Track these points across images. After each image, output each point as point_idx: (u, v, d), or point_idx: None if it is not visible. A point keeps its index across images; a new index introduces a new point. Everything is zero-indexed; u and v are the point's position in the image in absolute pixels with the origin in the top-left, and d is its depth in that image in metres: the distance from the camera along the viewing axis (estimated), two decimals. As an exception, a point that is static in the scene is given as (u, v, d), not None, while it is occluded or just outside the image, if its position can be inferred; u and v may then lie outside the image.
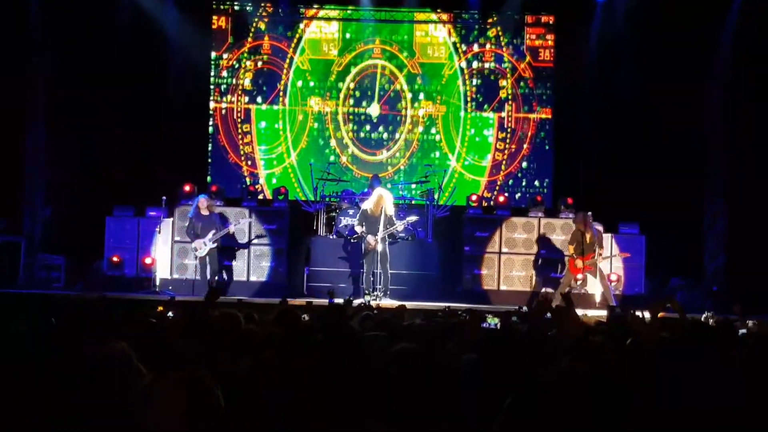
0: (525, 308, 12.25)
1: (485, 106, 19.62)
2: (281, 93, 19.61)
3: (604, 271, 16.21)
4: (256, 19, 19.63)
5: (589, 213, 15.95)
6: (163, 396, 2.93)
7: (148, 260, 16.93)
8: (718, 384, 3.94)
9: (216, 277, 16.37)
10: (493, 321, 8.61)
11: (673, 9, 17.59)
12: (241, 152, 19.54)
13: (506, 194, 18.97)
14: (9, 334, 5.19)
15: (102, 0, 18.29)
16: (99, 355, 3.62)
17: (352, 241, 16.39)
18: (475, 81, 19.65)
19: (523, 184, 19.56)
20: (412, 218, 16.17)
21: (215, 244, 16.13)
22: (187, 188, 17.15)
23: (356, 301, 14.64)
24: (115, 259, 17.11)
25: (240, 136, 19.56)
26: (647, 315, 6.73)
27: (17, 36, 17.77)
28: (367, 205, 15.64)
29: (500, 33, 19.63)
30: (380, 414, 3.51)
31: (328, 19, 19.78)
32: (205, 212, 16.17)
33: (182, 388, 2.98)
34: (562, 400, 3.43)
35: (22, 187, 18.12)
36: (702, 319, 10.65)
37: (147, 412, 2.89)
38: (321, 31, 19.74)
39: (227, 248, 16.95)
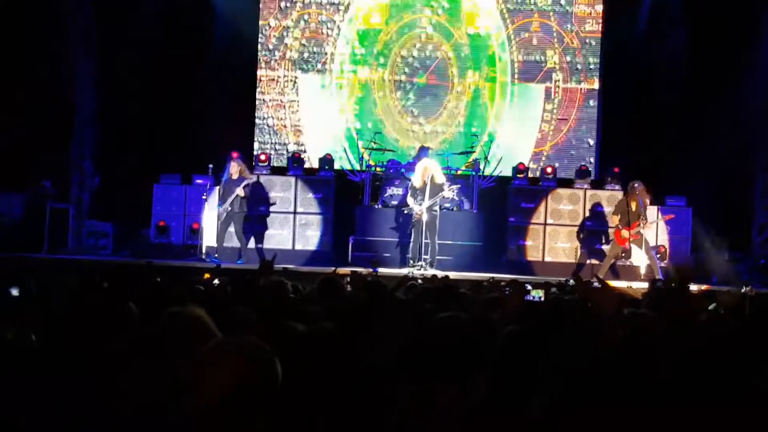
0: (571, 280, 12.22)
1: (532, 77, 19.50)
2: (328, 62, 19.62)
3: (650, 243, 16.13)
4: (303, -12, 19.64)
5: (636, 184, 15.84)
6: (223, 359, 2.98)
7: (195, 225, 17.10)
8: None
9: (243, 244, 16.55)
10: (537, 293, 8.59)
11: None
12: (288, 121, 19.60)
13: (555, 165, 18.88)
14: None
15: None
16: (176, 317, 3.69)
17: (405, 212, 16.33)
18: (522, 51, 19.53)
19: (570, 154, 19.45)
20: (454, 187, 16.15)
21: (230, 208, 16.21)
22: (234, 156, 17.23)
23: (402, 271, 14.76)
24: (161, 224, 17.30)
25: (287, 105, 19.61)
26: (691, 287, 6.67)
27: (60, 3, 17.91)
28: (415, 179, 15.68)
29: (548, 3, 19.46)
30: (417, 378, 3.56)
31: (376, -13, 19.74)
32: (235, 176, 16.27)
33: (243, 353, 3.02)
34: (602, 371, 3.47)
35: (71, 154, 18.31)
36: (742, 291, 10.56)
37: (209, 376, 2.94)
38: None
39: (252, 216, 17.06)
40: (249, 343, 3.03)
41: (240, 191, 16.21)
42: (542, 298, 8.74)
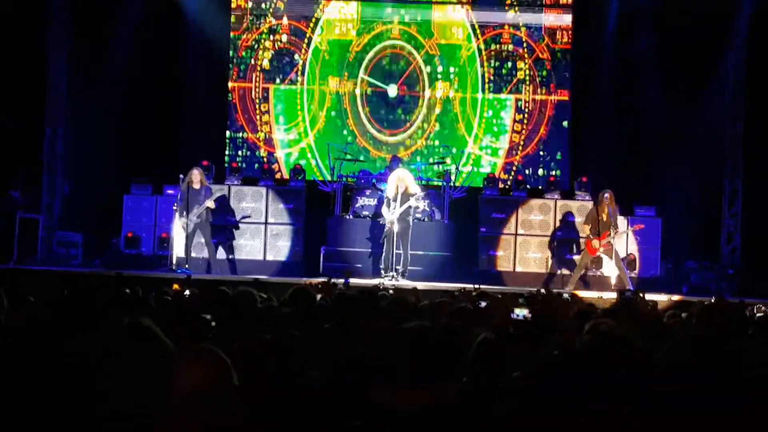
0: (542, 290, 12.26)
1: (503, 88, 19.61)
2: (299, 73, 19.66)
3: (620, 254, 16.23)
4: (275, -1, 19.68)
5: (606, 193, 15.94)
6: (183, 370, 3.03)
7: (164, 235, 17.06)
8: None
9: (210, 253, 16.48)
10: (521, 312, 8.51)
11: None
12: (259, 131, 19.61)
13: (523, 175, 19.00)
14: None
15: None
16: (125, 328, 3.71)
17: (381, 222, 16.28)
18: (492, 63, 19.63)
19: (540, 166, 19.56)
20: (420, 194, 16.02)
21: (199, 219, 16.14)
22: (204, 165, 17.15)
23: (374, 281, 14.77)
24: (129, 235, 17.26)
25: (258, 116, 19.62)
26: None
27: (35, 11, 17.85)
28: (388, 191, 15.66)
29: (518, 14, 19.59)
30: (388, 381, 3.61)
31: (347, -1, 19.81)
32: (196, 186, 16.09)
33: (201, 363, 3.08)
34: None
35: (41, 164, 18.24)
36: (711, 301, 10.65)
37: (167, 384, 2.99)
38: (340, 11, 19.74)
39: (220, 226, 17.02)
40: (205, 351, 3.10)
41: (210, 203, 16.11)
42: (527, 317, 8.64)
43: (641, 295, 9.91)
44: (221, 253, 17.17)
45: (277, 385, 3.75)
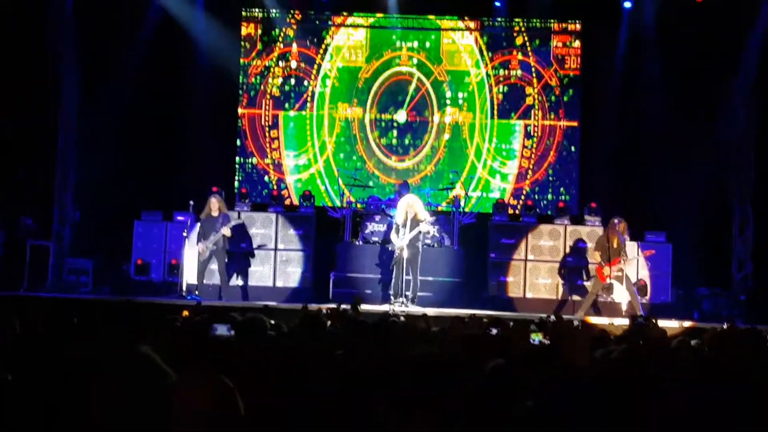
0: (553, 317, 12.21)
1: (511, 114, 19.64)
2: (309, 99, 19.71)
3: (631, 279, 16.17)
4: (284, 26, 19.75)
5: (617, 220, 15.90)
6: (184, 397, 3.01)
7: (174, 261, 17.07)
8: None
9: (224, 281, 16.46)
10: (537, 337, 8.47)
11: (701, 15, 17.54)
12: (269, 158, 19.65)
13: (532, 200, 19.01)
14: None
15: (132, 5, 18.42)
16: (122, 357, 3.69)
17: (389, 248, 16.28)
18: (501, 88, 19.67)
19: (549, 191, 19.55)
20: (429, 219, 16.03)
21: (215, 247, 16.15)
22: (214, 191, 17.15)
23: (383, 307, 14.73)
24: (139, 262, 17.27)
25: (267, 142, 19.67)
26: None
27: (45, 39, 17.93)
28: (397, 217, 15.67)
29: (527, 40, 19.64)
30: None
31: (356, 26, 19.87)
32: (214, 213, 16.12)
33: (204, 390, 3.06)
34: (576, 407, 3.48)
35: (52, 191, 18.28)
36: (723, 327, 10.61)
37: (169, 413, 2.97)
38: (349, 38, 19.82)
39: (235, 253, 17.01)
40: (209, 378, 3.08)
41: (227, 231, 16.11)
42: (542, 342, 8.59)
43: (653, 320, 9.87)
44: (233, 280, 17.15)
45: (281, 398, 3.75)
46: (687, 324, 13.45)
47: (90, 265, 17.66)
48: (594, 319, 13.85)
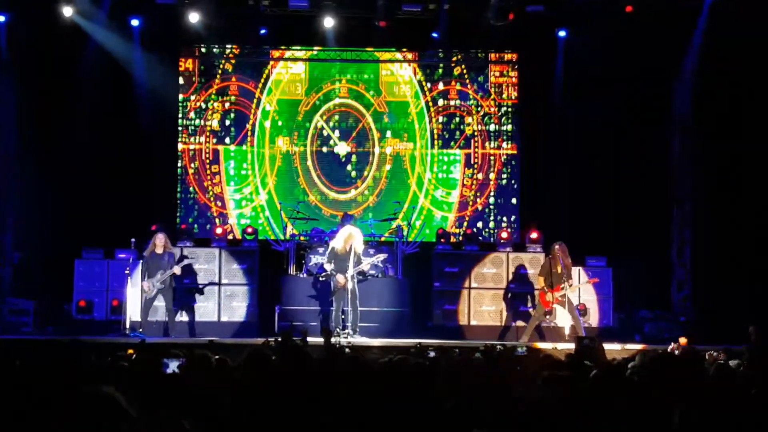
0: (498, 346, 12.26)
1: (452, 143, 19.80)
2: (249, 133, 19.71)
3: (573, 303, 16.33)
4: (223, 61, 19.76)
5: (558, 246, 16.08)
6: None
7: (115, 302, 16.93)
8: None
9: (170, 318, 16.35)
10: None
11: (636, 42, 17.82)
12: (210, 193, 19.59)
13: (474, 229, 19.16)
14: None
15: (68, 43, 18.27)
16: (87, 397, 3.68)
17: (321, 279, 16.43)
18: (441, 118, 19.83)
19: (491, 218, 19.71)
20: (381, 256, 16.30)
21: (163, 286, 16.08)
22: (153, 229, 17.06)
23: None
24: (81, 303, 17.10)
25: (209, 177, 19.62)
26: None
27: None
28: (336, 243, 15.68)
29: (464, 71, 19.86)
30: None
31: (295, 59, 19.94)
32: (159, 250, 16.08)
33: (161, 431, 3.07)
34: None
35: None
36: (668, 350, 10.77)
37: None
38: (288, 71, 19.88)
39: (178, 289, 16.89)
40: (167, 420, 3.10)
41: (178, 270, 16.09)
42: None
43: (599, 342, 9.97)
44: (178, 316, 17.01)
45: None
46: (629, 347, 13.63)
47: (31, 305, 17.44)
48: (538, 344, 13.96)
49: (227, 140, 19.73)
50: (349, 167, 19.75)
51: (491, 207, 19.75)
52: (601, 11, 17.88)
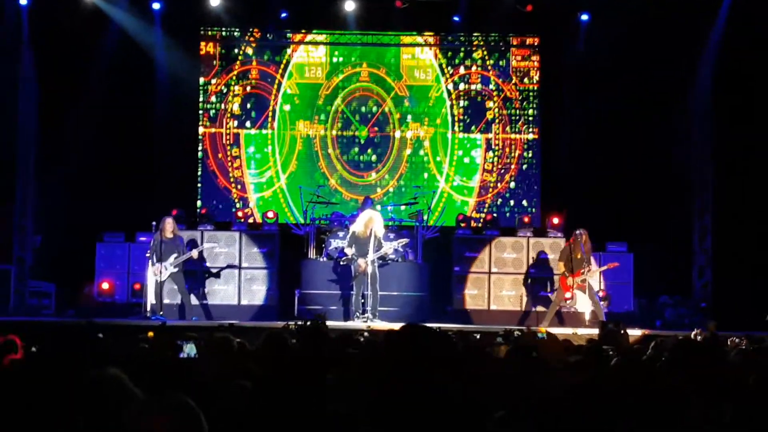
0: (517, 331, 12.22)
1: (472, 128, 19.73)
2: (270, 117, 19.70)
3: (594, 288, 16.27)
4: (243, 45, 19.75)
5: (579, 231, 16.03)
6: (150, 420, 3.03)
7: (137, 286, 16.99)
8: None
9: (184, 301, 16.43)
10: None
11: (658, 28, 17.71)
12: (231, 177, 19.61)
13: (494, 214, 19.11)
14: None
15: (89, 27, 18.29)
16: (91, 379, 3.68)
17: (342, 263, 16.44)
18: (461, 102, 19.76)
19: (512, 203, 19.65)
20: (403, 241, 16.31)
21: (176, 269, 16.12)
22: (174, 214, 17.07)
23: (347, 324, 14.75)
24: (104, 285, 17.18)
25: (229, 161, 19.63)
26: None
27: (6, 61, 17.86)
28: (357, 227, 15.70)
29: (486, 55, 19.77)
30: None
31: (316, 43, 19.91)
32: (169, 235, 16.08)
33: (168, 412, 3.07)
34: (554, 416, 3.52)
35: (12, 214, 18.13)
36: (691, 336, 10.71)
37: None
38: (308, 55, 19.85)
39: (190, 272, 16.94)
40: (175, 401, 3.10)
41: (195, 253, 16.16)
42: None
43: (623, 327, 9.92)
44: (194, 299, 17.05)
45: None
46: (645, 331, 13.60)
47: (53, 288, 17.55)
48: (557, 330, 13.91)
49: (248, 124, 19.73)
50: (369, 151, 19.72)
51: (512, 192, 19.68)
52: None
